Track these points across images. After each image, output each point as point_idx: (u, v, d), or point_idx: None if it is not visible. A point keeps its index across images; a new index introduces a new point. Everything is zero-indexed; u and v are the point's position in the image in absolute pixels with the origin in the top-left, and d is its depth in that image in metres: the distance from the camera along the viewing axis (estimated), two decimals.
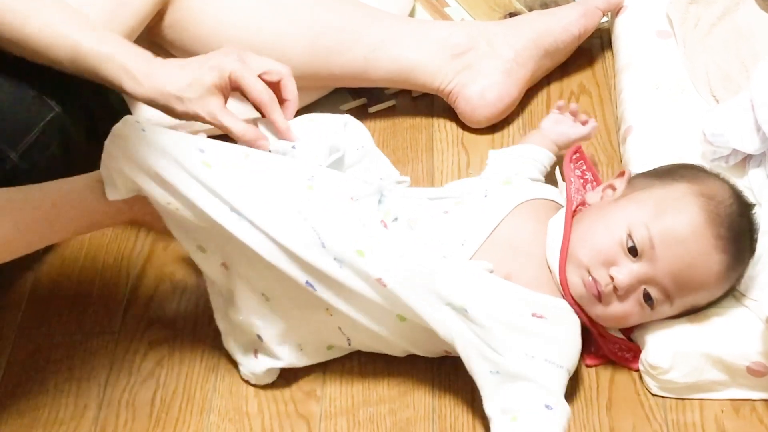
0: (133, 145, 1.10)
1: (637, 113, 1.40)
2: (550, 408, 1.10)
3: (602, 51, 1.60)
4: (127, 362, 1.25)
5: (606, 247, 1.14)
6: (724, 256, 1.14)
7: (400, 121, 1.53)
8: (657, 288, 1.14)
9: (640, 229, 1.14)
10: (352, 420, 1.19)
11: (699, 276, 1.14)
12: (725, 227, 1.14)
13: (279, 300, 1.15)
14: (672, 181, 1.18)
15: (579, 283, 1.15)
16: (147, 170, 1.10)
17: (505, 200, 1.22)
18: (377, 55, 1.45)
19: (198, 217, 1.11)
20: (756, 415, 1.17)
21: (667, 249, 1.13)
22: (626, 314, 1.16)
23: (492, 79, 1.48)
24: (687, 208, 1.14)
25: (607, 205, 1.20)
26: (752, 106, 1.28)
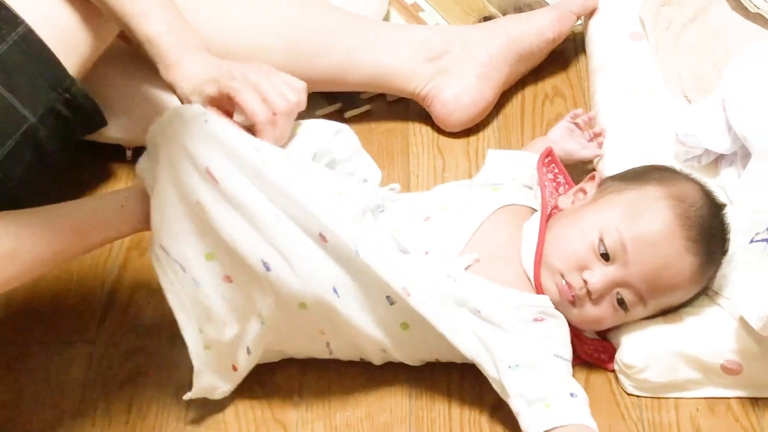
0: (192, 131, 1.10)
1: (610, 115, 1.40)
2: (575, 396, 1.11)
3: (576, 54, 1.60)
4: (103, 370, 1.24)
5: (579, 252, 1.15)
6: (696, 258, 1.14)
7: (376, 125, 1.53)
8: (630, 291, 1.15)
9: (611, 233, 1.14)
10: (329, 425, 1.19)
11: (671, 278, 1.14)
12: (696, 230, 1.14)
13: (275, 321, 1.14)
14: (643, 184, 1.19)
15: (553, 288, 1.16)
16: (196, 161, 1.09)
17: (484, 205, 1.23)
18: (354, 59, 1.45)
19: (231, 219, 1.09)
20: (731, 414, 1.18)
21: (639, 252, 1.13)
22: (601, 317, 1.16)
23: (467, 82, 1.48)
24: (658, 211, 1.15)
25: (579, 210, 1.20)
26: (724, 106, 1.29)
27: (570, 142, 1.37)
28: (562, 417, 1.09)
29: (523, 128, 1.51)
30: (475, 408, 1.19)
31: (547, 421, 1.09)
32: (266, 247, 1.09)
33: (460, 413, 1.19)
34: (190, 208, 1.10)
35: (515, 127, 1.51)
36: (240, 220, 1.09)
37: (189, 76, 1.19)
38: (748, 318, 1.11)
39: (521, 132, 1.51)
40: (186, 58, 1.20)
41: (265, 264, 1.09)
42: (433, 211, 1.23)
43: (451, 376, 1.21)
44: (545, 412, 1.10)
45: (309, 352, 1.21)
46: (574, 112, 1.38)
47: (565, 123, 1.37)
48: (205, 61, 1.21)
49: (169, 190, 1.11)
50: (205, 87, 1.18)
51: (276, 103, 1.18)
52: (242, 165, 1.09)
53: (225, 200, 1.09)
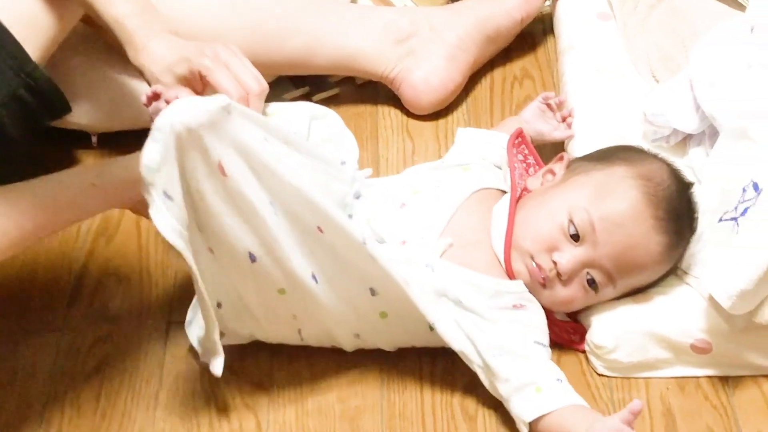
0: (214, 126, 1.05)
1: (579, 96, 1.40)
2: (561, 381, 1.11)
3: (544, 35, 1.60)
4: (71, 358, 1.23)
5: (548, 233, 1.15)
6: (664, 237, 1.15)
7: (345, 109, 1.52)
8: (599, 271, 1.15)
9: (580, 213, 1.14)
10: (301, 410, 1.18)
11: (640, 257, 1.15)
12: (663, 208, 1.15)
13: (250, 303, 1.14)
14: (610, 164, 1.19)
15: (524, 270, 1.16)
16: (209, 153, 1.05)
17: (458, 190, 1.22)
18: (320, 42, 1.44)
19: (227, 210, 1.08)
20: (701, 392, 1.18)
21: (608, 232, 1.14)
22: (571, 299, 1.17)
23: (435, 64, 1.47)
24: (625, 191, 1.15)
25: (548, 191, 1.20)
26: (691, 85, 1.29)
27: (542, 123, 1.37)
28: (557, 400, 1.09)
29: (493, 110, 1.51)
30: (446, 391, 1.19)
31: (541, 406, 1.09)
32: (255, 240, 1.09)
33: (432, 397, 1.19)
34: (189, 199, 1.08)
35: (485, 110, 1.51)
36: (235, 214, 1.08)
37: (158, 57, 1.18)
38: (718, 297, 1.11)
39: (491, 114, 1.50)
40: (154, 40, 1.18)
41: (251, 255, 1.09)
42: (407, 196, 1.23)
43: (422, 361, 1.21)
44: (537, 396, 1.10)
45: (279, 337, 1.20)
46: (546, 94, 1.37)
47: (536, 103, 1.37)
48: (174, 42, 1.19)
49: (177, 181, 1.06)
50: (176, 67, 1.17)
51: (248, 83, 1.17)
52: (256, 161, 1.07)
53: (227, 194, 1.07)
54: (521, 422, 1.10)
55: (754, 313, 1.13)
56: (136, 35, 1.18)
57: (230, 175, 1.06)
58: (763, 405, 1.17)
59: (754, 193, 1.14)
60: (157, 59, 1.18)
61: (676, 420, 1.15)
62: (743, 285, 1.09)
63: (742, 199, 1.15)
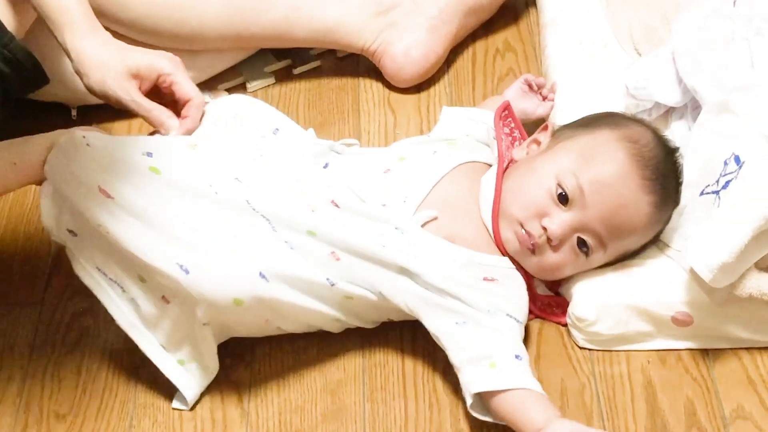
0: (76, 157, 1.10)
1: (561, 69, 1.40)
2: (520, 358, 1.10)
3: (527, 8, 1.59)
4: (51, 333, 1.23)
5: (536, 199, 1.15)
6: (652, 197, 1.15)
7: (326, 81, 1.51)
8: (590, 234, 1.15)
9: (568, 177, 1.14)
10: (283, 383, 1.18)
11: (630, 218, 1.15)
12: (650, 169, 1.15)
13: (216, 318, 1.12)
14: (595, 129, 1.19)
15: (513, 238, 1.16)
16: (88, 184, 1.09)
17: (446, 160, 1.22)
18: (299, 14, 1.43)
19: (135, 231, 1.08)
20: (682, 365, 1.19)
21: (597, 194, 1.13)
22: (561, 264, 1.16)
23: (416, 36, 1.47)
24: (612, 152, 1.15)
25: (534, 159, 1.20)
26: (674, 58, 1.28)
27: (525, 102, 1.37)
28: (508, 380, 1.08)
29: (475, 83, 1.50)
30: (428, 364, 1.19)
31: (491, 382, 1.08)
32: (178, 248, 1.08)
33: (414, 370, 1.19)
34: (99, 234, 1.10)
35: (467, 83, 1.50)
36: (144, 229, 1.08)
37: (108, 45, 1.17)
38: (699, 270, 1.11)
39: (473, 87, 1.50)
40: (100, 30, 1.18)
41: (182, 267, 1.07)
42: (393, 163, 1.23)
43: (403, 335, 1.21)
44: (490, 372, 1.09)
45: (263, 334, 1.19)
46: (527, 76, 1.37)
47: (518, 84, 1.37)
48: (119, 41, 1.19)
49: (82, 222, 1.10)
50: (133, 56, 1.17)
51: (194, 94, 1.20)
52: (133, 180, 1.08)
53: (125, 213, 1.08)
54: (467, 392, 1.09)
55: (734, 286, 1.13)
56: (82, 20, 1.17)
57: (116, 196, 1.08)
58: (743, 377, 1.17)
59: (736, 166, 1.14)
60: (106, 47, 1.17)
61: (656, 392, 1.16)
62: (724, 258, 1.09)
63: (724, 172, 1.15)
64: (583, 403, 1.15)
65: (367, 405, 1.16)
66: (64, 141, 1.12)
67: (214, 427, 1.15)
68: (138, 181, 1.09)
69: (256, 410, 1.16)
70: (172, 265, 1.07)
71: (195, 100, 1.20)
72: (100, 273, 1.12)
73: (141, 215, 1.08)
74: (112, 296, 1.13)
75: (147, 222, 1.08)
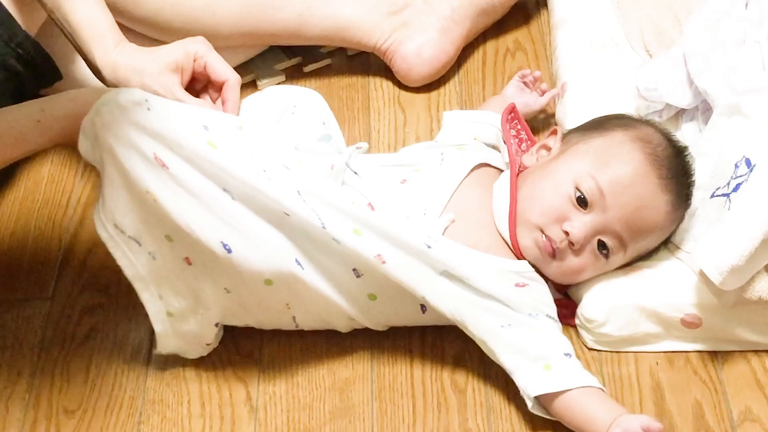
0: (136, 120, 1.07)
1: (571, 69, 1.40)
2: (570, 356, 1.11)
3: (537, 7, 1.59)
4: (60, 328, 1.23)
5: (556, 204, 1.15)
6: (670, 196, 1.15)
7: (336, 80, 1.51)
8: (611, 236, 1.15)
9: (586, 180, 1.14)
10: (291, 381, 1.18)
11: (649, 218, 1.15)
12: (666, 168, 1.15)
13: (240, 292, 1.13)
14: (607, 131, 1.19)
15: (532, 245, 1.16)
16: (142, 149, 1.06)
17: (459, 165, 1.22)
18: (312, 12, 1.43)
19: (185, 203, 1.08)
20: (690, 367, 1.19)
21: (617, 196, 1.14)
22: (582, 267, 1.16)
23: (428, 36, 1.47)
24: (628, 153, 1.15)
25: (547, 164, 1.20)
26: (685, 60, 1.28)
27: (524, 96, 1.38)
28: (566, 380, 1.09)
29: (485, 83, 1.50)
30: (436, 363, 1.19)
31: (549, 384, 1.09)
32: (225, 228, 1.08)
33: (422, 369, 1.19)
34: (141, 197, 1.08)
35: (476, 82, 1.51)
36: (194, 203, 1.08)
37: (139, 49, 1.17)
38: (708, 272, 1.11)
39: (482, 87, 1.50)
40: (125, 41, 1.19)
41: (225, 246, 1.08)
42: (408, 173, 1.22)
43: (412, 333, 1.21)
44: (546, 374, 1.10)
45: (274, 324, 1.20)
46: (522, 72, 1.39)
47: (515, 81, 1.39)
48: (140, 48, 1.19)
49: (117, 180, 1.08)
50: (168, 53, 1.18)
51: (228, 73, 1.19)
52: (192, 150, 1.07)
53: (176, 185, 1.07)
54: (526, 396, 1.11)
55: (744, 289, 1.13)
56: (111, 31, 1.17)
57: (171, 166, 1.06)
58: (752, 380, 1.17)
59: (747, 169, 1.14)
60: (137, 51, 1.17)
61: (665, 394, 1.16)
62: (734, 261, 1.09)
63: (735, 175, 1.15)
64: None
65: (375, 403, 1.16)
66: (124, 99, 1.07)
67: (223, 424, 1.15)
68: (194, 154, 1.08)
69: (265, 407, 1.16)
70: (216, 243, 1.08)
71: (231, 81, 1.20)
72: (117, 230, 1.11)
73: (192, 189, 1.08)
74: (124, 250, 1.12)
75: (197, 197, 1.08)
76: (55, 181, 1.38)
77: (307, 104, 1.28)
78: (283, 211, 1.09)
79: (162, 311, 1.14)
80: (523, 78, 1.39)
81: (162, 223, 1.09)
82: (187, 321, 1.15)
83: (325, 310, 1.16)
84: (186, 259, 1.12)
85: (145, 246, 1.11)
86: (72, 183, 1.38)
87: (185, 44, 1.18)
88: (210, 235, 1.08)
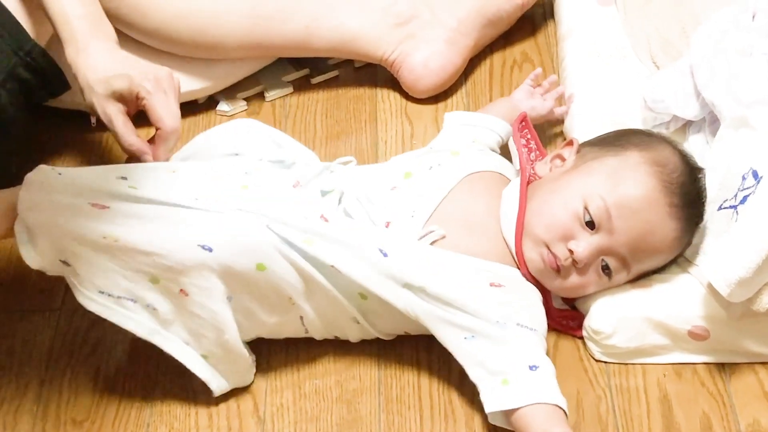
0: (52, 188, 1.08)
1: (579, 80, 1.40)
2: (535, 368, 1.10)
3: (544, 19, 1.59)
4: (68, 340, 1.23)
5: (563, 222, 1.15)
6: (678, 223, 1.15)
7: (344, 92, 1.52)
8: (615, 258, 1.15)
9: (596, 200, 1.14)
10: (298, 392, 1.19)
11: (655, 243, 1.15)
12: (678, 196, 1.15)
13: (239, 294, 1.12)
14: (623, 150, 1.18)
15: (537, 259, 1.15)
16: (76, 205, 1.07)
17: (452, 172, 1.22)
18: (319, 24, 1.43)
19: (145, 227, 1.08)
20: (698, 379, 1.18)
21: (624, 220, 1.13)
22: (584, 285, 1.17)
23: (435, 48, 1.47)
24: (641, 177, 1.15)
25: (560, 178, 1.19)
26: (692, 71, 1.28)
27: (534, 100, 1.38)
28: (521, 397, 1.08)
29: (492, 94, 1.51)
30: (444, 376, 1.19)
31: (504, 401, 1.08)
32: (194, 231, 1.08)
33: (429, 381, 1.19)
34: (105, 248, 1.08)
35: (484, 93, 1.51)
36: (152, 226, 1.08)
37: (98, 65, 1.17)
38: (716, 284, 1.11)
39: (489, 98, 1.50)
40: (97, 44, 1.18)
41: (204, 247, 1.07)
42: (399, 180, 1.22)
43: (419, 345, 1.21)
44: (502, 389, 1.09)
45: (285, 330, 1.19)
46: (535, 73, 1.39)
47: (526, 85, 1.39)
48: (116, 54, 1.19)
49: (77, 249, 1.08)
50: (115, 81, 1.17)
51: (178, 116, 1.18)
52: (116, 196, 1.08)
53: (125, 217, 1.07)
54: (486, 410, 1.10)
55: (752, 301, 1.13)
56: (80, 34, 1.17)
57: (110, 205, 1.07)
58: (760, 392, 1.17)
59: (754, 181, 1.14)
60: (95, 67, 1.17)
61: (672, 406, 1.16)
62: (742, 273, 1.09)
63: (742, 187, 1.15)
64: (598, 416, 1.15)
65: (382, 415, 1.16)
66: (35, 175, 1.09)
67: None
68: (125, 190, 1.09)
69: (272, 419, 1.16)
70: (193, 249, 1.07)
71: (162, 131, 1.18)
72: (104, 296, 1.11)
73: (142, 214, 1.08)
74: (123, 312, 1.12)
75: (151, 219, 1.08)
76: None
77: (258, 132, 1.27)
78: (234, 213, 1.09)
79: (195, 356, 1.14)
80: (536, 79, 1.38)
81: (137, 263, 1.08)
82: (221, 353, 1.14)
83: (329, 307, 1.15)
84: (181, 292, 1.11)
85: (139, 301, 1.11)
86: None
87: (133, 78, 1.17)
88: (185, 245, 1.07)
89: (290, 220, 1.11)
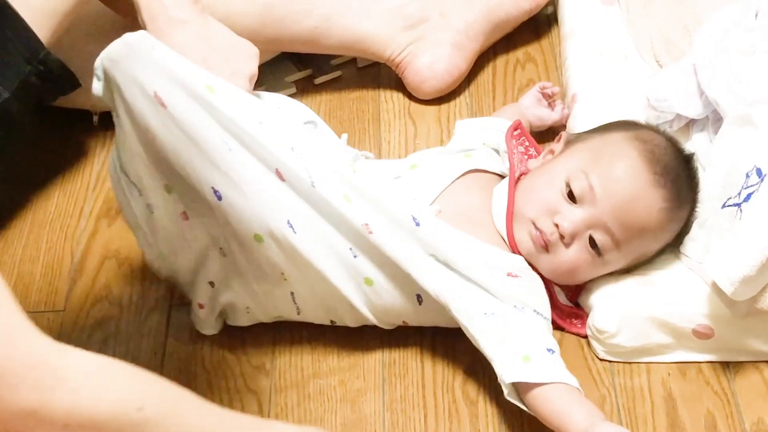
0: (140, 58, 1.07)
1: (582, 80, 1.40)
2: (553, 352, 1.10)
3: (547, 19, 1.59)
4: (72, 340, 1.22)
5: (547, 197, 1.16)
6: (663, 192, 1.15)
7: (347, 92, 1.52)
8: (602, 231, 1.15)
9: (578, 174, 1.15)
10: (303, 392, 1.19)
11: (641, 213, 1.15)
12: (661, 165, 1.16)
13: (235, 256, 1.13)
14: (607, 132, 1.21)
15: (526, 239, 1.16)
16: (144, 87, 1.06)
17: (456, 166, 1.23)
18: (330, 24, 1.44)
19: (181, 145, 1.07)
20: (702, 377, 1.18)
21: (606, 189, 1.14)
22: (575, 263, 1.16)
23: (442, 51, 1.47)
24: (622, 150, 1.17)
25: (546, 164, 1.22)
26: (695, 70, 1.28)
27: (540, 108, 1.39)
28: (544, 374, 1.08)
29: (495, 94, 1.51)
30: (448, 375, 1.19)
31: (527, 374, 1.08)
32: (216, 174, 1.08)
33: (433, 380, 1.19)
34: (142, 137, 1.08)
35: (487, 93, 1.51)
36: (189, 146, 1.07)
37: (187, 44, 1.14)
38: (720, 282, 1.11)
39: (493, 98, 1.50)
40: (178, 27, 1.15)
41: (215, 192, 1.08)
42: (403, 170, 1.24)
43: (423, 344, 1.21)
44: (524, 364, 1.09)
45: (276, 308, 1.19)
46: (543, 84, 1.39)
47: (534, 92, 1.39)
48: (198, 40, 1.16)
49: (124, 118, 1.09)
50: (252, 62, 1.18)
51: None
52: (191, 92, 1.07)
53: (174, 125, 1.07)
54: (502, 382, 1.09)
55: (756, 299, 1.13)
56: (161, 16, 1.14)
57: (169, 105, 1.06)
58: (764, 390, 1.17)
59: (758, 178, 1.14)
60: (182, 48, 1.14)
61: (677, 405, 1.16)
62: (746, 271, 1.09)
63: (746, 185, 1.15)
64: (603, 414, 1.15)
65: (386, 415, 1.16)
66: (132, 37, 1.08)
67: None
68: (193, 93, 1.07)
69: (276, 419, 1.16)
70: (207, 188, 1.08)
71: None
72: (122, 172, 1.12)
73: (188, 132, 1.07)
74: (127, 194, 1.14)
75: (193, 140, 1.07)
76: (67, 193, 1.39)
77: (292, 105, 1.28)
78: (276, 166, 1.09)
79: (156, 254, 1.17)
80: (543, 89, 1.39)
81: (161, 168, 1.09)
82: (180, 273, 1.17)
83: (323, 289, 1.15)
84: (183, 214, 1.12)
85: (144, 196, 1.12)
86: (84, 195, 1.38)
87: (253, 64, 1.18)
88: (203, 180, 1.08)
89: (335, 166, 1.12)
